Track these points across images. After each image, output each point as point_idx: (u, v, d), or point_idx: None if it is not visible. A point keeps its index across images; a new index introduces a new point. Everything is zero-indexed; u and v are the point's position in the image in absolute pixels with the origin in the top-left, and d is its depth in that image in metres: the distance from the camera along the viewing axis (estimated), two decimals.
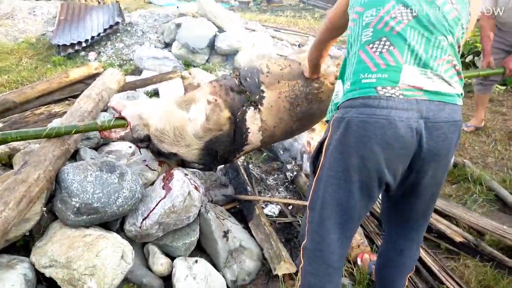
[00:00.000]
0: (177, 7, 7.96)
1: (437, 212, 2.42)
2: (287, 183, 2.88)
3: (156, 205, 1.91)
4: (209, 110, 1.97)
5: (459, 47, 1.28)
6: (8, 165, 2.41)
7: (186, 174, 2.08)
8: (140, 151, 2.27)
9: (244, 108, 2.07)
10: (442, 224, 2.28)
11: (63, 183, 1.77)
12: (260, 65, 2.17)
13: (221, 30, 4.60)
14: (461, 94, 1.27)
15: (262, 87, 2.07)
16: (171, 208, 1.89)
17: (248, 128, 2.10)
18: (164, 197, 1.93)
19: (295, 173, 2.84)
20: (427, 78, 1.19)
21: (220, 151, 2.13)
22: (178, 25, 4.68)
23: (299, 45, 5.34)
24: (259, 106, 2.07)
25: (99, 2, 9.48)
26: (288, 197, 2.72)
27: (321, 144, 1.37)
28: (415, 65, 1.19)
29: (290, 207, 2.60)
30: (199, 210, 2.07)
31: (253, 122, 2.09)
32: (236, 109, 2.06)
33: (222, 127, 2.02)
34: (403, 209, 1.44)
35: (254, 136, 2.14)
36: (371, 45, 1.23)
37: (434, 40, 1.20)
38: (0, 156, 2.39)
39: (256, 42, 4.63)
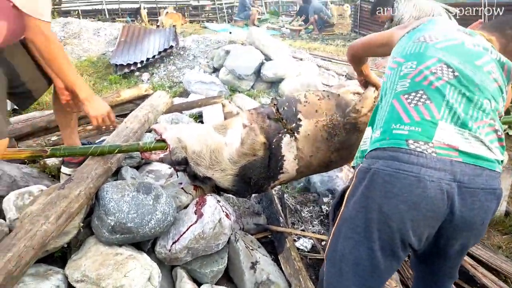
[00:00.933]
0: (230, 32, 8.27)
1: (483, 264, 2.24)
2: (322, 217, 2.81)
3: (187, 229, 1.94)
4: (244, 134, 2.00)
5: (500, 116, 1.22)
6: (57, 177, 2.57)
7: (218, 201, 2.09)
8: (177, 174, 2.32)
9: (280, 135, 2.07)
10: (487, 279, 2.10)
11: (101, 200, 1.85)
12: (298, 95, 2.19)
13: (268, 58, 4.70)
14: (501, 161, 1.17)
15: (299, 116, 2.08)
16: (201, 234, 1.90)
17: (284, 155, 2.09)
18: (195, 222, 1.95)
19: (331, 207, 2.76)
20: (464, 138, 1.11)
21: (254, 178, 2.13)
22: (227, 52, 4.85)
23: (346, 75, 5.30)
24: (296, 134, 2.07)
25: (157, 26, 10.09)
26: (322, 231, 2.65)
27: (343, 192, 1.32)
28: (452, 123, 1.12)
29: (323, 243, 2.52)
30: (229, 238, 2.07)
31: (289, 149, 2.09)
32: (271, 136, 2.06)
33: (256, 152, 2.02)
34: (429, 266, 1.36)
35: (290, 164, 2.13)
36: (406, 96, 1.19)
37: (477, 101, 1.14)
38: (51, 168, 2.56)
39: (302, 71, 4.67)
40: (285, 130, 2.08)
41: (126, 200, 1.85)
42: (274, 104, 2.17)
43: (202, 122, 3.68)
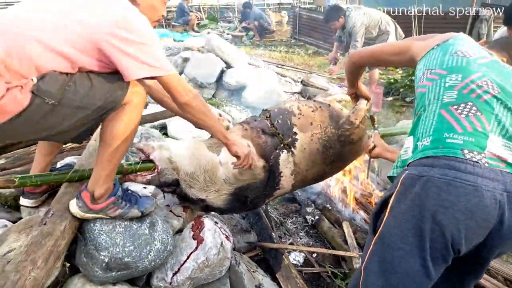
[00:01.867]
0: (174, 39, 7.97)
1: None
2: (307, 228, 2.76)
3: (188, 257, 1.75)
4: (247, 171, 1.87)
5: None
6: (13, 207, 2.22)
7: (216, 222, 1.94)
8: (164, 195, 2.11)
9: (277, 151, 1.99)
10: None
11: (88, 234, 1.60)
12: (291, 106, 2.12)
13: (228, 65, 4.58)
14: None
15: (295, 129, 2.02)
16: (205, 262, 1.73)
17: (281, 172, 2.01)
18: (196, 248, 1.78)
19: (316, 217, 2.72)
20: (511, 151, 1.14)
21: (250, 197, 2.02)
22: (186, 59, 4.63)
23: (301, 82, 5.36)
24: (292, 149, 2.00)
25: None
26: (311, 243, 2.59)
27: (384, 201, 1.27)
28: (500, 136, 1.15)
29: (314, 255, 2.46)
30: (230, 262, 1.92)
31: (286, 165, 2.01)
32: (269, 153, 1.98)
33: (256, 177, 1.92)
34: (460, 267, 1.32)
35: (287, 180, 2.05)
36: (455, 107, 1.19)
37: None
38: (6, 197, 2.20)
39: (262, 78, 4.62)
40: (282, 145, 1.99)
41: (119, 231, 1.62)
42: (267, 117, 2.08)
43: (166, 134, 3.45)
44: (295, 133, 2.01)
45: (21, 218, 2.08)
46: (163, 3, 1.64)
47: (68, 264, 1.57)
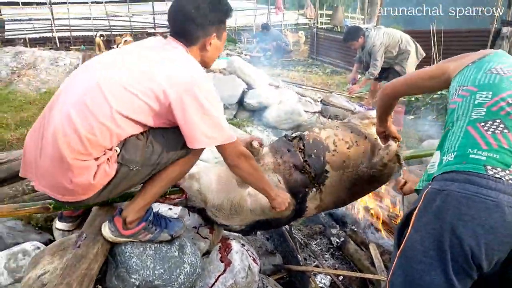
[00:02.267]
0: None
1: None
2: (332, 250, 2.72)
3: (216, 280, 1.75)
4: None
5: None
6: (44, 229, 2.27)
7: (243, 245, 1.93)
8: (189, 213, 2.13)
9: (306, 189, 1.97)
10: None
11: (119, 256, 1.62)
12: (326, 140, 2.02)
13: (249, 86, 4.64)
14: None
15: (327, 167, 1.97)
16: (233, 285, 1.73)
17: (307, 206, 2.02)
18: (224, 271, 1.77)
19: (342, 239, 2.68)
20: None
21: (274, 224, 2.03)
22: None
23: (321, 101, 5.37)
24: (321, 187, 1.99)
25: None
26: (337, 265, 2.55)
27: (408, 214, 1.26)
28: None
29: (341, 278, 2.41)
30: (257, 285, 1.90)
31: (313, 201, 2.02)
32: (297, 190, 1.96)
33: (283, 214, 1.91)
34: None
35: (310, 211, 2.07)
36: (482, 124, 1.19)
37: None
38: (38, 219, 2.26)
39: (283, 99, 4.66)
40: (312, 184, 1.98)
41: (149, 254, 1.63)
42: (301, 149, 2.00)
43: None
44: (327, 171, 1.97)
45: (51, 239, 2.13)
46: (225, 41, 1.66)
47: (100, 287, 1.59)
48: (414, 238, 1.19)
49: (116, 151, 1.38)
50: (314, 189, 1.95)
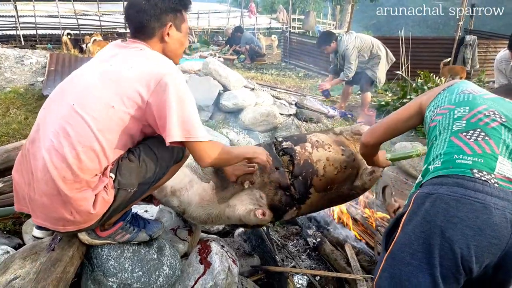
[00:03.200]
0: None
1: None
2: (308, 250, 2.74)
3: (195, 283, 1.73)
4: (252, 216, 1.83)
5: None
6: (12, 232, 2.17)
7: (222, 246, 1.92)
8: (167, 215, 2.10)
9: (287, 208, 2.00)
10: None
11: (96, 259, 1.57)
12: (317, 163, 1.98)
13: (225, 88, 4.63)
14: None
15: (311, 190, 1.98)
16: (213, 287, 1.70)
17: (284, 218, 2.07)
18: (204, 273, 1.75)
19: (318, 239, 2.71)
20: None
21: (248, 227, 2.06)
22: None
23: (296, 104, 5.43)
24: (301, 205, 2.02)
25: (83, 53, 9.48)
26: (314, 266, 2.57)
27: (397, 218, 1.29)
28: (510, 160, 1.19)
29: (317, 278, 2.44)
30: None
31: (291, 215, 2.06)
32: (278, 209, 1.98)
33: (262, 224, 1.95)
34: None
35: (286, 218, 2.11)
36: (464, 133, 1.26)
37: None
38: (6, 222, 2.15)
39: (259, 101, 4.68)
40: (293, 203, 1.99)
41: (127, 256, 1.59)
42: (289, 171, 1.97)
43: None
44: (310, 193, 1.98)
45: (20, 243, 2.03)
46: (187, 35, 1.63)
47: None
48: (402, 241, 1.21)
49: (111, 177, 1.38)
50: (294, 208, 1.98)
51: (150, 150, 1.47)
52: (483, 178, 1.14)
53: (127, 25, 1.59)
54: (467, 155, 1.19)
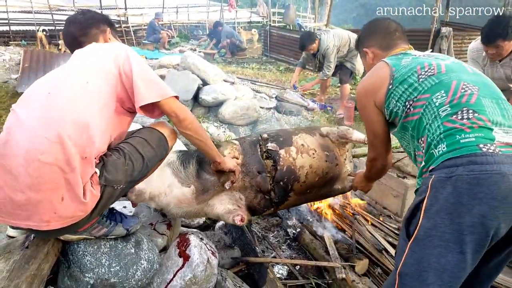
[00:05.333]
0: (146, 57, 7.93)
1: None
2: (289, 241, 2.78)
3: (174, 275, 1.74)
4: (230, 219, 1.92)
5: None
6: None
7: (201, 239, 1.93)
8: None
9: (265, 210, 2.04)
10: None
11: (72, 255, 1.56)
12: (300, 170, 1.99)
13: (204, 82, 4.61)
14: None
15: (291, 194, 2.02)
16: (192, 279, 1.72)
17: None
18: (182, 266, 1.76)
19: (298, 229, 2.75)
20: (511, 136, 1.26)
21: None
22: (161, 77, 4.62)
23: (276, 97, 5.45)
24: (279, 206, 2.07)
25: (59, 50, 9.27)
26: (294, 256, 2.61)
27: (416, 206, 1.33)
28: (499, 126, 1.26)
29: (297, 267, 2.48)
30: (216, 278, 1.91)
31: (266, 213, 2.14)
32: (256, 211, 2.04)
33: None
34: (481, 263, 1.37)
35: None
36: (454, 116, 1.31)
37: (501, 102, 1.34)
38: None
39: (239, 95, 4.68)
40: (271, 205, 2.03)
41: (104, 252, 1.59)
42: (271, 175, 1.97)
43: None
44: (289, 196, 2.02)
45: None
46: None
47: None
48: (427, 226, 1.25)
49: (96, 172, 1.39)
50: (272, 209, 2.03)
51: (136, 150, 1.51)
52: (490, 150, 1.20)
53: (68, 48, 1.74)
54: (468, 133, 1.25)
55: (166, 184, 1.85)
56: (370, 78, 1.64)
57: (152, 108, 1.55)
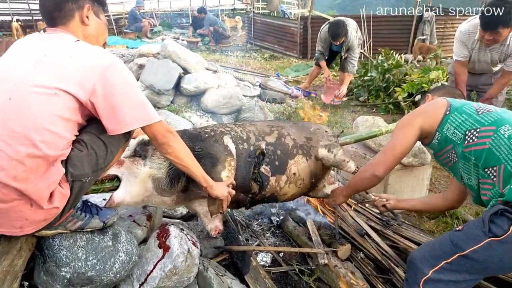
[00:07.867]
0: (127, 47, 7.77)
1: None
2: (273, 228, 2.78)
3: (154, 267, 1.72)
4: (207, 226, 2.07)
5: None
6: None
7: (182, 229, 1.91)
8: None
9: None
10: None
11: (47, 250, 1.53)
12: (281, 196, 2.16)
13: (186, 71, 4.53)
14: None
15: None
16: (173, 270, 1.70)
17: None
18: (163, 257, 1.74)
19: (281, 217, 2.76)
20: None
21: None
22: (141, 66, 4.53)
23: (260, 85, 5.42)
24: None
25: None
26: (278, 243, 2.62)
27: (505, 209, 1.39)
28: None
29: (281, 254, 2.49)
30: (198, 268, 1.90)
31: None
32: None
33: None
34: None
35: None
36: None
37: None
38: None
39: (221, 83, 4.63)
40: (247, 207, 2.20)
41: (81, 245, 1.56)
42: (255, 180, 2.04)
43: None
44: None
45: None
46: (106, 27, 1.67)
47: (26, 284, 1.49)
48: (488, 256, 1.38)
49: (63, 170, 1.34)
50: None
51: (96, 137, 1.44)
52: None
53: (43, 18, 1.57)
54: None
55: (145, 194, 1.83)
56: (426, 105, 1.82)
57: None
